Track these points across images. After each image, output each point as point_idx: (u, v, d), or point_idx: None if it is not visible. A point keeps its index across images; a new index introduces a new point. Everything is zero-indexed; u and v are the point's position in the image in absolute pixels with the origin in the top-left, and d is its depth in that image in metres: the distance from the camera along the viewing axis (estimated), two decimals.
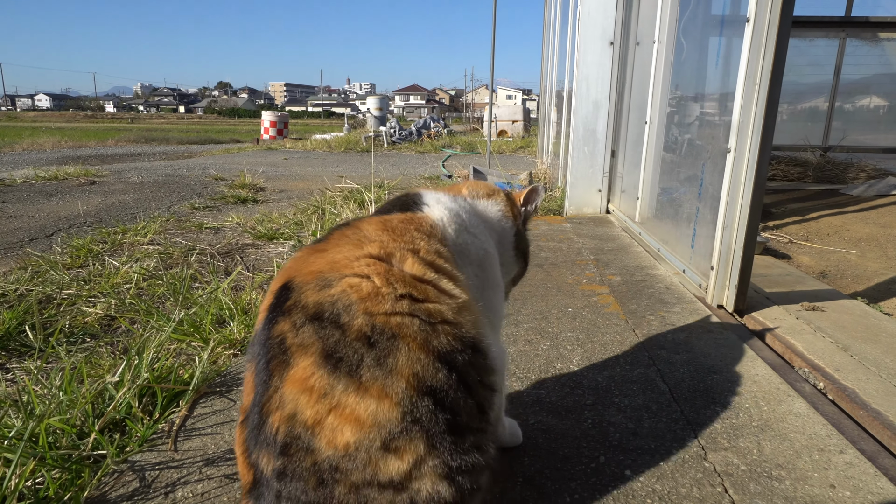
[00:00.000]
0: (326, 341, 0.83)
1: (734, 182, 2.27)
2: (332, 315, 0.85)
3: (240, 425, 0.89)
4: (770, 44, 2.11)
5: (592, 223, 4.35)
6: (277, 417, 0.82)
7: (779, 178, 6.63)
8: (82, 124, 38.19)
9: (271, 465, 0.82)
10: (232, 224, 4.31)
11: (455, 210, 1.16)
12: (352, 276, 0.89)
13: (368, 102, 23.30)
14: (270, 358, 0.85)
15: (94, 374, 1.72)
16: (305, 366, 0.82)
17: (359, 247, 0.94)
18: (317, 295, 0.87)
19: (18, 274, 2.79)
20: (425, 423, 0.85)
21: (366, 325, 0.84)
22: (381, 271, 0.90)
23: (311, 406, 0.81)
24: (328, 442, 0.80)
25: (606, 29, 4.51)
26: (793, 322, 2.18)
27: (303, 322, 0.85)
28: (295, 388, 0.82)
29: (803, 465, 1.33)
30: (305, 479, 0.81)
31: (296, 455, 0.81)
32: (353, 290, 0.87)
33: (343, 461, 0.81)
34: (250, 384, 0.87)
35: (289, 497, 0.82)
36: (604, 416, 1.54)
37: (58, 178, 6.88)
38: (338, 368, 0.82)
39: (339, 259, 0.92)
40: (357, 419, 0.81)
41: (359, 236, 0.98)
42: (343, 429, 0.80)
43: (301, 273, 0.91)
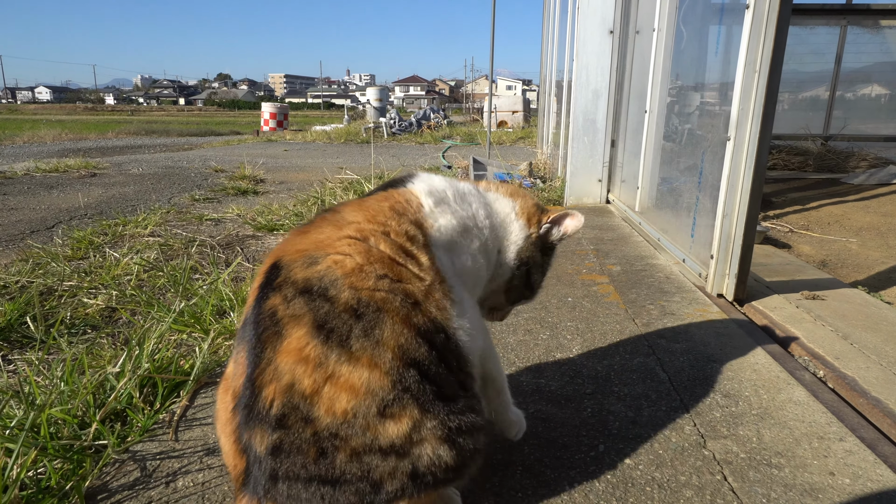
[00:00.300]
0: (317, 312, 0.84)
1: (734, 171, 2.26)
2: (321, 289, 0.87)
3: (230, 412, 0.88)
4: (770, 31, 2.10)
5: (592, 213, 4.34)
6: (272, 390, 0.82)
7: (779, 167, 6.62)
8: (82, 117, 38.12)
9: (265, 443, 0.82)
10: (232, 215, 4.31)
11: (442, 187, 1.13)
12: (335, 254, 0.91)
13: (368, 93, 23.24)
14: (262, 331, 0.85)
15: (95, 364, 1.72)
16: (299, 336, 0.83)
17: (339, 228, 0.97)
18: (305, 271, 0.89)
19: (20, 266, 2.79)
20: (414, 392, 0.87)
21: (352, 299, 0.87)
22: (361, 250, 0.93)
23: (309, 375, 0.82)
24: (327, 410, 0.81)
25: (606, 17, 4.48)
26: (793, 311, 2.18)
27: (294, 295, 0.86)
28: (290, 359, 0.82)
29: (803, 453, 1.34)
30: (305, 452, 0.81)
31: (294, 427, 0.81)
32: (338, 266, 0.89)
33: (342, 427, 0.82)
34: (241, 365, 0.87)
35: (287, 475, 0.81)
36: (603, 405, 1.54)
37: (58, 170, 6.86)
38: (329, 339, 0.83)
39: (322, 239, 0.94)
40: (352, 387, 0.82)
41: (338, 219, 1.00)
42: (340, 396, 0.82)
43: (288, 252, 0.93)
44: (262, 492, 0.82)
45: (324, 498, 0.81)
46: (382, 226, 0.99)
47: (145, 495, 1.21)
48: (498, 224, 1.20)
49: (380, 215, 1.01)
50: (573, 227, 1.22)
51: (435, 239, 1.04)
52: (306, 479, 0.81)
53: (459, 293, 1.02)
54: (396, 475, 0.84)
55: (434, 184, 1.13)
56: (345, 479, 0.82)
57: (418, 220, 1.04)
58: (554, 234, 1.24)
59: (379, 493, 0.83)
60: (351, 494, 0.82)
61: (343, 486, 0.82)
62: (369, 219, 0.99)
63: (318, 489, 0.81)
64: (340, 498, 0.82)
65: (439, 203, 1.09)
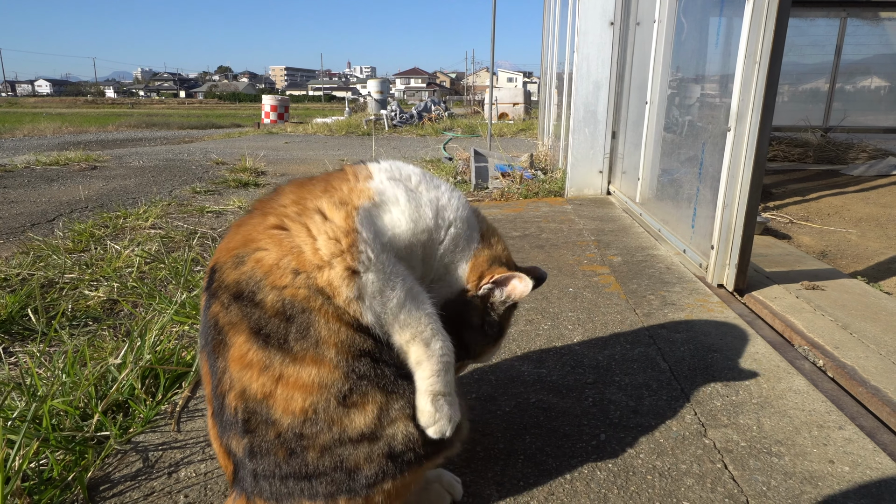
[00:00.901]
0: (251, 318, 0.84)
1: (734, 161, 2.26)
2: (250, 293, 0.85)
3: (211, 418, 0.90)
4: (770, 22, 2.09)
5: (593, 204, 4.33)
6: (232, 397, 0.84)
7: (779, 158, 6.61)
8: (83, 110, 38.02)
9: (241, 446, 0.84)
10: (233, 208, 4.30)
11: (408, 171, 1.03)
12: (257, 250, 0.87)
13: (369, 86, 23.15)
14: (211, 340, 0.86)
15: (96, 356, 1.73)
16: (240, 343, 0.83)
17: (264, 216, 0.92)
18: (234, 273, 0.87)
19: (20, 258, 2.79)
20: (372, 377, 0.87)
21: (277, 301, 0.84)
22: (276, 242, 0.88)
23: (256, 380, 0.82)
24: (284, 410, 0.82)
25: (607, 9, 4.46)
26: (793, 301, 2.19)
27: (229, 301, 0.85)
28: (237, 366, 0.83)
29: (802, 442, 1.34)
30: (274, 453, 0.83)
31: (258, 430, 0.83)
32: (259, 265, 0.86)
33: (305, 426, 0.83)
34: (207, 374, 0.88)
35: (264, 474, 0.84)
36: (605, 395, 1.55)
37: (59, 163, 6.86)
38: (268, 344, 0.83)
39: (249, 233, 0.90)
40: (303, 385, 0.82)
41: (268, 205, 0.94)
42: (294, 396, 0.82)
43: (223, 252, 0.91)
44: (249, 489, 0.86)
45: (304, 491, 0.84)
46: (302, 206, 0.91)
47: (148, 486, 1.22)
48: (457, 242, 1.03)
49: (310, 193, 0.94)
50: (520, 293, 1.04)
51: (365, 208, 0.92)
52: (282, 476, 0.84)
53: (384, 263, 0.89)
54: (373, 459, 0.86)
55: (399, 166, 1.03)
56: (319, 472, 0.84)
57: (349, 194, 0.93)
58: (496, 296, 1.06)
59: (357, 479, 0.85)
60: (328, 485, 0.84)
61: (319, 479, 0.84)
62: (296, 199, 0.93)
63: (296, 484, 0.84)
64: (319, 489, 0.84)
65: (394, 179, 0.99)
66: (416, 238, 0.96)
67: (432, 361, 0.90)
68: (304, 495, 0.84)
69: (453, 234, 1.01)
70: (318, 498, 0.84)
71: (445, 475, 1.15)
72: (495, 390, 1.58)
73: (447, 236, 1.01)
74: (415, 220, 0.95)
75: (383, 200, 0.94)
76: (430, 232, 0.98)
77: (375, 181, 0.96)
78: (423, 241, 0.97)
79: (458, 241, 1.03)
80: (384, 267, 0.88)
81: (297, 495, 0.84)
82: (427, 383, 0.89)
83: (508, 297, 1.06)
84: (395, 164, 1.03)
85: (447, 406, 0.90)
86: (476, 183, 5.29)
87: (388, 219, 0.93)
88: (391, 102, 20.12)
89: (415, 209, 0.96)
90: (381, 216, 0.93)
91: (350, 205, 0.91)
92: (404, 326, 0.89)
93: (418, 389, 0.90)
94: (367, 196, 0.93)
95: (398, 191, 0.96)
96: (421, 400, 0.90)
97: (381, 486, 0.86)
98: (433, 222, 0.98)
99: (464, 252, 1.04)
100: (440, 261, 1.02)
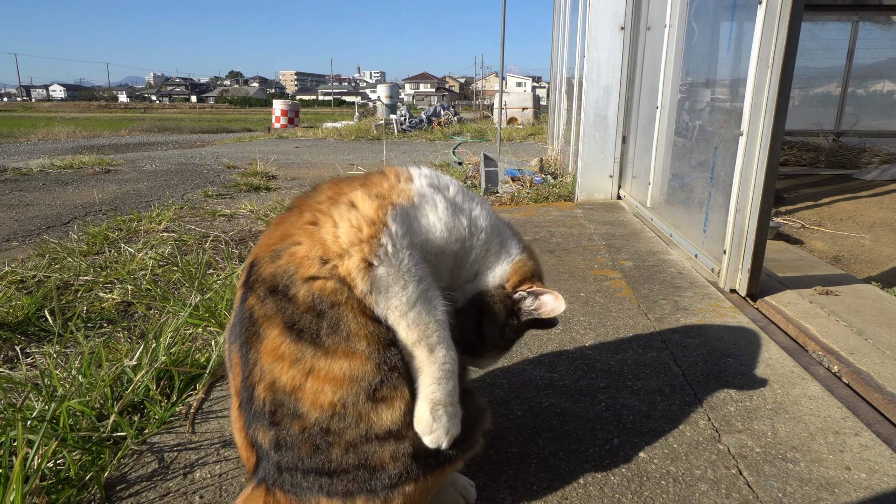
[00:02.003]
0: (285, 313, 0.85)
1: (746, 165, 2.25)
2: (283, 286, 0.86)
3: (237, 409, 0.90)
4: (783, 26, 2.09)
5: (603, 209, 4.33)
6: (262, 388, 0.84)
7: (791, 163, 6.57)
8: (96, 114, 38.44)
9: (267, 438, 0.85)
10: (245, 211, 4.33)
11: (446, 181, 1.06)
12: (293, 244, 0.89)
13: (379, 91, 23.24)
14: (245, 332, 0.87)
15: (111, 358, 1.74)
16: (274, 336, 0.84)
17: (301, 214, 0.94)
18: (270, 267, 0.88)
19: (36, 261, 2.83)
20: (401, 370, 0.88)
21: (308, 296, 0.85)
22: (309, 235, 0.90)
23: (286, 371, 0.83)
24: (312, 403, 0.83)
25: (617, 14, 4.46)
26: (806, 306, 2.17)
27: (265, 295, 0.87)
28: (269, 358, 0.84)
29: (818, 448, 1.33)
30: (298, 447, 0.84)
31: (283, 422, 0.83)
32: (293, 258, 0.88)
33: (333, 421, 0.83)
34: (237, 365, 0.89)
35: (288, 466, 0.84)
36: (617, 399, 1.54)
37: (73, 167, 6.94)
38: (301, 338, 0.84)
39: (287, 229, 0.93)
40: (334, 378, 0.83)
41: (305, 203, 0.96)
42: (324, 389, 0.83)
43: (262, 247, 0.93)
44: (271, 481, 0.86)
45: (322, 488, 0.84)
46: (335, 200, 0.93)
47: (163, 486, 1.23)
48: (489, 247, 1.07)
49: (348, 187, 0.96)
50: (549, 309, 1.07)
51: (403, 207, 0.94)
52: (304, 470, 0.84)
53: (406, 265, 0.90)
54: (398, 458, 0.86)
55: (438, 175, 1.06)
56: (342, 469, 0.84)
57: (389, 191, 0.95)
58: (526, 304, 1.08)
59: (379, 478, 0.85)
60: (349, 483, 0.84)
61: (340, 476, 0.84)
62: (332, 195, 0.95)
63: (316, 480, 0.84)
64: (339, 487, 0.84)
65: (433, 186, 1.01)
66: (448, 246, 0.99)
67: (434, 368, 0.89)
68: (323, 492, 0.84)
69: (484, 240, 1.05)
70: (335, 496, 0.84)
71: (460, 479, 1.15)
72: (507, 394, 1.58)
73: (478, 243, 1.05)
74: (450, 229, 0.98)
75: (423, 204, 0.97)
76: (464, 241, 1.02)
77: (416, 184, 0.99)
78: (455, 251, 1.01)
79: (489, 246, 1.07)
80: (400, 264, 0.89)
81: (316, 491, 0.84)
82: (428, 390, 0.88)
83: (536, 310, 1.08)
84: (434, 173, 1.06)
85: (446, 417, 0.88)
86: (486, 187, 5.29)
87: (424, 222, 0.96)
88: (400, 107, 20.18)
89: (451, 218, 0.99)
90: (418, 218, 0.96)
91: (387, 199, 0.93)
92: (412, 327, 0.89)
93: (419, 395, 0.89)
94: (407, 196, 0.96)
95: (437, 197, 0.99)
96: (420, 406, 0.88)
97: (402, 487, 0.86)
98: (467, 231, 1.02)
99: (498, 255, 1.08)
100: (471, 267, 1.06)
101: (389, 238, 0.89)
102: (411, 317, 0.89)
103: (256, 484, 0.88)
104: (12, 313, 2.14)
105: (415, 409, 0.88)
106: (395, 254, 0.89)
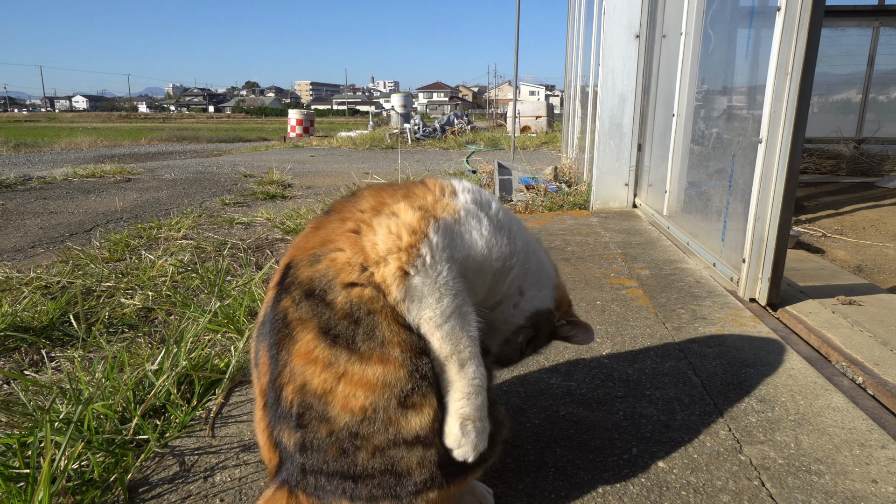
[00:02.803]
0: (321, 318, 0.86)
1: (766, 173, 2.23)
2: (321, 291, 0.87)
3: (261, 409, 0.91)
4: (802, 33, 2.08)
5: (619, 217, 4.31)
6: (290, 390, 0.85)
7: (811, 171, 6.50)
8: (117, 124, 39.11)
9: (292, 440, 0.85)
10: (262, 219, 4.38)
11: (488, 198, 1.07)
12: (334, 250, 0.90)
13: (392, 100, 23.38)
14: (277, 333, 0.88)
15: (133, 362, 1.77)
16: (308, 339, 0.85)
17: (343, 221, 0.95)
18: (308, 270, 0.89)
19: (60, 267, 2.88)
20: (431, 379, 0.89)
21: (346, 302, 0.86)
22: (351, 242, 0.91)
23: (318, 375, 0.84)
24: (343, 407, 0.83)
25: (632, 21, 4.46)
26: (829, 316, 2.14)
27: (300, 298, 0.88)
28: (301, 361, 0.85)
29: (843, 460, 1.31)
30: (325, 450, 0.84)
31: (311, 425, 0.84)
32: (333, 263, 0.89)
33: (362, 426, 0.83)
34: (265, 364, 0.90)
35: (312, 469, 0.85)
36: (635, 408, 1.53)
37: (95, 175, 7.06)
38: (336, 343, 0.85)
39: (328, 235, 0.93)
40: (367, 383, 0.84)
41: (347, 209, 0.97)
42: (356, 393, 0.83)
43: (300, 250, 0.94)
44: (294, 483, 0.87)
45: (345, 492, 0.85)
46: (378, 210, 0.95)
47: (185, 489, 1.24)
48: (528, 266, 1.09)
49: (390, 198, 0.97)
50: (580, 339, 1.21)
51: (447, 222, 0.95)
52: (329, 474, 0.85)
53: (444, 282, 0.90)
54: (425, 465, 0.87)
55: (480, 190, 1.07)
56: (367, 473, 0.85)
57: (434, 205, 0.96)
58: (565, 331, 1.20)
59: (405, 484, 0.86)
60: (373, 488, 0.85)
61: (365, 481, 0.85)
62: (375, 204, 0.96)
63: (340, 484, 0.85)
64: (362, 492, 0.85)
65: (477, 203, 1.02)
66: (489, 264, 1.00)
67: (464, 383, 0.91)
68: (346, 496, 0.85)
69: (523, 259, 1.07)
70: (359, 500, 0.84)
71: (478, 486, 1.15)
72: (524, 402, 1.57)
73: (517, 262, 1.05)
74: (491, 247, 0.99)
75: (468, 219, 0.98)
76: (505, 259, 1.02)
77: (461, 199, 1.00)
78: (496, 269, 1.02)
79: (528, 265, 1.09)
80: (438, 276, 0.90)
81: (339, 495, 0.85)
82: (457, 405, 0.90)
83: (568, 338, 1.20)
84: (477, 188, 1.07)
85: (474, 433, 0.90)
86: (500, 196, 5.30)
87: (468, 238, 0.97)
88: (414, 116, 20.28)
89: (493, 236, 1.00)
90: (461, 234, 0.96)
91: (430, 212, 0.94)
92: (445, 340, 0.90)
93: (448, 410, 0.91)
94: (452, 211, 0.97)
95: (481, 214, 1.00)
96: (450, 421, 0.90)
97: (426, 494, 0.87)
98: (508, 250, 1.02)
99: (538, 275, 1.12)
100: (511, 284, 1.07)
101: (429, 249, 0.90)
102: (445, 330, 0.90)
103: (279, 486, 0.88)
104: (37, 318, 2.18)
105: (445, 422, 0.90)
106: (433, 265, 0.90)
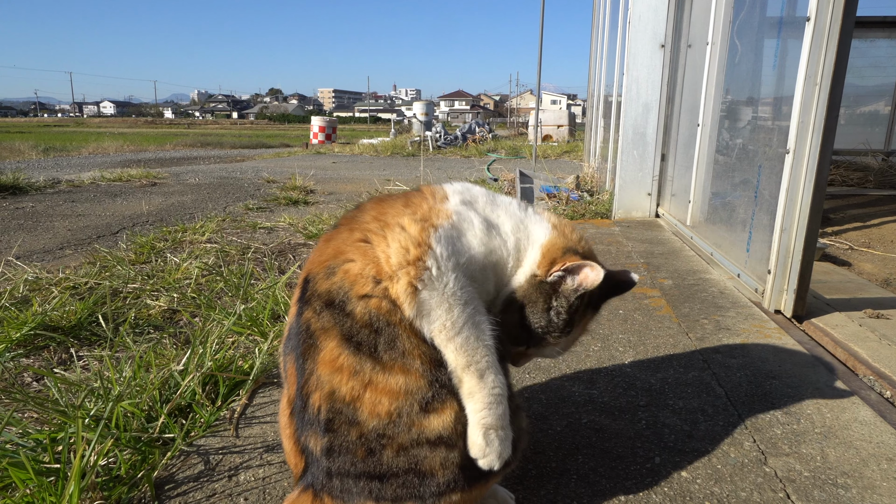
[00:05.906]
0: (343, 326, 0.88)
1: (793, 184, 2.21)
2: (340, 302, 0.89)
3: (288, 416, 0.93)
4: (832, 44, 2.06)
5: (641, 227, 4.28)
6: (318, 397, 0.87)
7: (837, 182, 6.39)
8: (143, 129, 39.91)
9: (319, 445, 0.88)
10: (284, 224, 4.42)
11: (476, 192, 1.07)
12: (346, 261, 0.92)
13: (414, 108, 23.53)
14: (302, 343, 0.90)
15: (159, 363, 1.80)
16: (332, 347, 0.87)
17: (351, 232, 0.97)
18: (326, 283, 0.91)
19: (88, 268, 2.94)
20: (450, 387, 0.90)
21: (364, 313, 0.88)
22: (361, 253, 0.92)
23: (346, 383, 0.86)
24: (370, 413, 0.86)
25: (657, 31, 4.45)
26: (856, 329, 2.11)
27: (321, 308, 0.90)
28: (327, 369, 0.87)
29: (871, 474, 1.29)
30: (353, 451, 0.86)
31: (340, 429, 0.86)
32: (347, 275, 0.91)
33: (388, 427, 0.86)
34: (293, 375, 0.92)
35: (339, 472, 0.87)
36: (658, 418, 1.52)
37: (122, 179, 7.20)
38: (360, 350, 0.87)
39: (339, 246, 0.95)
40: (391, 391, 0.86)
41: (354, 221, 0.99)
42: (381, 400, 0.86)
43: (315, 264, 0.96)
44: (319, 486, 0.89)
45: (371, 493, 0.87)
46: (384, 221, 0.96)
47: (209, 487, 1.26)
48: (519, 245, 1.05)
49: (391, 209, 0.99)
50: (591, 281, 1.00)
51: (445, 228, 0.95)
52: (355, 475, 0.87)
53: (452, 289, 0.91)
54: (448, 466, 0.88)
55: (468, 187, 1.08)
56: (392, 472, 0.86)
57: (429, 212, 0.98)
58: (567, 284, 1.03)
59: (428, 485, 0.87)
60: (398, 487, 0.87)
61: (390, 480, 0.87)
62: (377, 215, 0.98)
63: (366, 484, 0.87)
64: (387, 492, 0.87)
65: (466, 203, 1.02)
66: (487, 260, 1.00)
67: (484, 394, 0.90)
68: (372, 496, 0.86)
69: (514, 242, 1.03)
70: (384, 501, 0.86)
71: (500, 491, 1.16)
72: (546, 409, 1.57)
73: (511, 247, 1.03)
74: (485, 244, 0.99)
75: (461, 222, 0.98)
76: (500, 251, 1.02)
77: (451, 203, 1.01)
78: (494, 262, 1.01)
79: (519, 245, 1.04)
80: (444, 287, 0.90)
81: (365, 496, 0.86)
82: (479, 416, 0.90)
83: (580, 286, 1.02)
84: (465, 186, 1.07)
85: (497, 441, 0.90)
86: None
87: (465, 241, 0.97)
88: (436, 124, 20.37)
89: (485, 232, 0.99)
90: (459, 238, 0.96)
91: (429, 222, 0.95)
92: (460, 351, 0.90)
93: (470, 421, 0.91)
94: (445, 216, 0.97)
95: (471, 213, 1.00)
96: (473, 431, 0.90)
97: (449, 496, 0.88)
98: (499, 240, 1.01)
99: (527, 248, 1.05)
100: (512, 271, 1.04)
101: (434, 261, 0.90)
102: (458, 341, 0.90)
103: (304, 488, 0.90)
104: (66, 317, 2.23)
105: (468, 433, 0.90)
106: (439, 277, 0.90)
